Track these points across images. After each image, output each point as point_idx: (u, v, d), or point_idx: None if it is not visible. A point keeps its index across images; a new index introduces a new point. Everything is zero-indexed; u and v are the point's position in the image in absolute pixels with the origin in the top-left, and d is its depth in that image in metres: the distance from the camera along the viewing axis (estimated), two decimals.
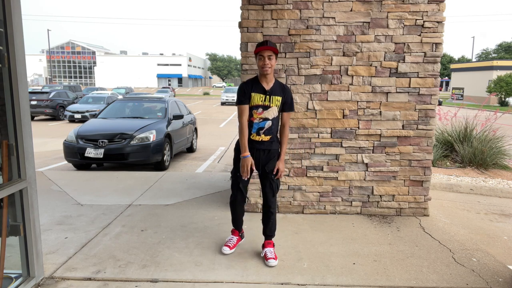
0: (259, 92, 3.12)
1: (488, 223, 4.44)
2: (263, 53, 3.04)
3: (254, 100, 3.11)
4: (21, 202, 2.77)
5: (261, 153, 3.21)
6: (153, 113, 8.77)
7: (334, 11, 4.20)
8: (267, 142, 3.20)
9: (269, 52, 3.04)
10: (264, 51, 3.04)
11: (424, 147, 4.40)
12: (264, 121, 3.15)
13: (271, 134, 3.19)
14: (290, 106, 3.23)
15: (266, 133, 3.17)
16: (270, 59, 3.05)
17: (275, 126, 3.21)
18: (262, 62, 3.05)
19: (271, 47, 3.03)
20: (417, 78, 4.29)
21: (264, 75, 3.10)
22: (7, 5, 2.56)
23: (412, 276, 3.10)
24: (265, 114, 3.13)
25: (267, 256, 3.26)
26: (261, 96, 3.11)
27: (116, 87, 35.72)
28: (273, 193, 3.28)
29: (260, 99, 3.12)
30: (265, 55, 3.04)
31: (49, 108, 18.49)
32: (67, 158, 7.45)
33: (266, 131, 3.16)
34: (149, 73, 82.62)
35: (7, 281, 2.77)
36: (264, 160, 3.21)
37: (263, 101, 3.12)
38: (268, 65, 3.05)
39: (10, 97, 2.65)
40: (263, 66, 3.05)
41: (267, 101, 3.12)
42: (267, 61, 3.04)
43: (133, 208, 4.70)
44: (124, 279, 2.98)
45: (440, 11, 4.18)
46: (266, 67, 3.05)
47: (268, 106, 3.12)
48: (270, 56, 3.04)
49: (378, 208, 4.51)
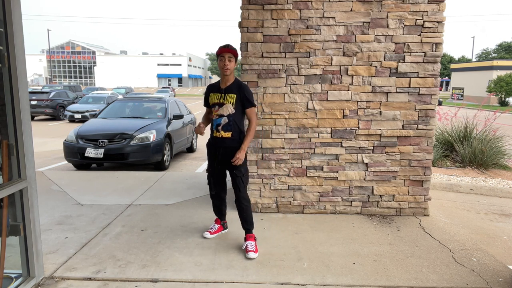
0: (216, 92, 3.44)
1: (488, 223, 4.44)
2: (224, 54, 3.30)
3: (212, 99, 3.44)
4: (21, 202, 2.77)
5: (223, 151, 3.42)
6: (153, 113, 8.77)
7: (334, 11, 4.20)
8: (228, 140, 3.38)
9: (229, 54, 3.30)
10: (225, 53, 3.29)
11: (424, 147, 4.40)
12: (220, 118, 3.37)
13: (231, 130, 3.37)
14: (249, 102, 3.39)
15: (224, 129, 3.37)
16: (230, 61, 3.30)
17: (233, 123, 3.37)
18: (222, 63, 3.31)
19: (231, 50, 3.30)
20: (417, 78, 4.29)
21: (224, 75, 3.36)
22: (7, 5, 2.56)
23: (412, 276, 3.10)
24: (220, 111, 3.37)
25: (248, 249, 3.40)
26: (217, 95, 3.41)
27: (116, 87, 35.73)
28: (239, 188, 3.43)
29: (216, 98, 3.40)
30: (225, 57, 3.29)
31: (49, 108, 18.49)
32: (67, 158, 7.45)
33: (224, 127, 3.37)
34: (149, 73, 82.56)
35: (7, 281, 2.77)
36: (227, 157, 3.39)
37: (218, 99, 3.39)
38: (228, 66, 3.29)
39: (10, 97, 2.65)
40: (223, 67, 3.30)
41: (222, 99, 3.36)
42: (227, 63, 3.29)
43: (133, 208, 4.70)
44: (124, 279, 2.98)
45: (440, 11, 4.18)
46: (225, 67, 3.29)
47: (222, 104, 3.36)
48: (230, 58, 3.30)
49: (378, 208, 4.51)
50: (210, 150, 3.58)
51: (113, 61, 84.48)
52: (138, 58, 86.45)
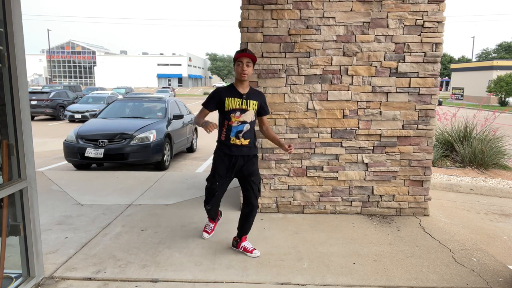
0: (236, 97, 3.22)
1: (488, 223, 4.44)
2: (242, 59, 3.16)
3: (231, 104, 3.20)
4: (21, 202, 2.77)
5: (241, 160, 3.28)
6: (153, 113, 8.77)
7: (334, 11, 4.20)
8: (246, 148, 3.27)
9: (248, 59, 3.17)
10: (243, 58, 3.16)
11: (424, 147, 4.39)
12: (243, 124, 3.22)
13: (250, 138, 3.27)
14: (266, 110, 3.41)
15: (245, 137, 3.24)
16: (248, 66, 3.16)
17: (252, 130, 3.30)
18: (240, 69, 3.16)
19: (249, 55, 3.17)
20: (417, 78, 4.29)
21: (241, 81, 3.21)
22: (7, 5, 2.56)
23: (412, 276, 3.10)
24: (243, 117, 3.21)
25: (249, 249, 3.41)
26: (237, 100, 3.21)
27: (116, 87, 35.72)
28: (256, 196, 3.34)
29: (237, 103, 3.21)
30: (243, 62, 3.15)
31: (49, 108, 18.49)
32: (67, 158, 7.45)
33: (245, 134, 3.23)
34: (149, 73, 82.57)
35: (7, 281, 2.77)
36: (243, 165, 3.28)
37: (240, 105, 3.21)
38: (246, 72, 3.16)
39: (10, 97, 2.65)
40: (241, 72, 3.16)
41: (244, 105, 3.21)
42: (245, 68, 3.15)
43: (133, 208, 4.70)
44: (124, 279, 2.98)
45: (440, 11, 4.18)
46: (243, 73, 3.15)
47: (246, 110, 3.21)
48: (248, 63, 3.16)
49: (378, 208, 4.51)
50: (223, 160, 3.30)
51: (113, 61, 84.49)
52: (138, 58, 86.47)
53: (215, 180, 3.34)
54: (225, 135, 3.26)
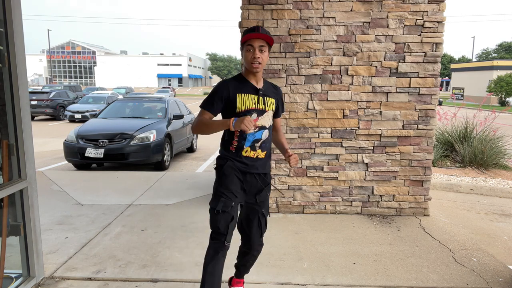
0: (251, 92, 2.29)
1: (488, 223, 4.44)
2: (253, 42, 2.19)
3: (245, 102, 2.26)
4: (21, 202, 2.77)
5: (255, 179, 2.37)
6: (153, 113, 8.77)
7: (334, 11, 4.20)
8: (262, 162, 2.38)
9: (261, 42, 2.20)
10: (254, 40, 2.19)
11: (424, 147, 4.39)
12: (261, 131, 2.33)
13: (267, 149, 2.40)
14: (282, 109, 2.59)
15: (262, 147, 2.36)
16: (262, 52, 2.22)
17: (271, 138, 2.44)
18: (250, 55, 2.21)
19: (264, 35, 2.19)
20: (417, 78, 4.28)
21: (252, 73, 2.28)
22: (7, 5, 2.56)
23: (413, 276, 3.10)
24: (261, 121, 2.31)
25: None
26: (253, 98, 2.29)
27: (116, 87, 35.71)
28: (261, 233, 2.48)
29: (252, 102, 2.28)
30: (255, 46, 2.20)
31: (49, 108, 18.49)
32: (67, 158, 7.45)
33: (263, 144, 2.35)
34: (149, 73, 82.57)
35: (7, 281, 2.77)
36: (258, 187, 2.39)
37: (256, 104, 2.29)
38: (259, 59, 2.21)
39: (10, 97, 2.65)
40: (251, 60, 2.20)
41: (261, 104, 2.31)
42: (258, 54, 2.20)
43: (133, 208, 4.70)
44: (124, 279, 2.98)
45: (440, 11, 4.18)
46: (255, 62, 2.20)
47: (264, 110, 2.32)
48: (261, 48, 2.21)
49: (378, 208, 4.51)
50: (235, 179, 2.31)
51: (113, 61, 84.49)
52: (138, 58, 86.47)
53: (229, 198, 2.25)
54: (236, 145, 2.32)
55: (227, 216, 2.24)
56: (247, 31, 2.23)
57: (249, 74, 2.31)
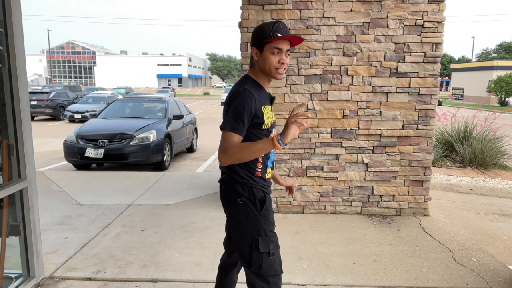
0: (268, 103, 1.95)
1: (488, 223, 4.44)
2: (282, 44, 1.84)
3: (269, 116, 1.91)
4: (21, 202, 2.77)
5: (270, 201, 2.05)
6: (153, 113, 8.77)
7: (334, 11, 4.20)
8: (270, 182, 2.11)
9: (288, 45, 1.88)
10: (282, 42, 1.84)
11: (424, 147, 4.39)
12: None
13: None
14: None
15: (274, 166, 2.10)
16: (287, 56, 1.90)
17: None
18: (277, 59, 1.85)
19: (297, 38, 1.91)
20: (417, 78, 4.29)
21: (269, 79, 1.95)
22: (7, 5, 2.56)
23: (412, 276, 3.10)
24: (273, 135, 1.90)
25: None
26: (271, 108, 1.97)
27: (116, 87, 35.69)
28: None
29: (271, 113, 1.96)
30: (283, 49, 1.85)
31: (49, 108, 18.47)
32: (67, 158, 7.45)
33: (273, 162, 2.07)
34: (149, 73, 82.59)
35: (7, 281, 2.77)
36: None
37: (273, 115, 2.00)
38: (285, 65, 1.88)
39: (10, 97, 2.65)
40: (278, 66, 1.86)
41: (273, 115, 2.01)
42: (285, 59, 1.87)
43: (133, 208, 4.70)
44: (124, 279, 2.98)
45: (440, 11, 4.18)
46: (281, 68, 1.87)
47: (275, 123, 2.03)
48: (288, 51, 1.89)
49: (378, 208, 4.51)
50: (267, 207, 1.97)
51: (113, 61, 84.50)
52: (138, 58, 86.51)
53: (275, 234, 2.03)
54: (261, 168, 1.94)
55: (279, 253, 2.00)
56: (271, 29, 1.82)
57: (264, 80, 1.94)
